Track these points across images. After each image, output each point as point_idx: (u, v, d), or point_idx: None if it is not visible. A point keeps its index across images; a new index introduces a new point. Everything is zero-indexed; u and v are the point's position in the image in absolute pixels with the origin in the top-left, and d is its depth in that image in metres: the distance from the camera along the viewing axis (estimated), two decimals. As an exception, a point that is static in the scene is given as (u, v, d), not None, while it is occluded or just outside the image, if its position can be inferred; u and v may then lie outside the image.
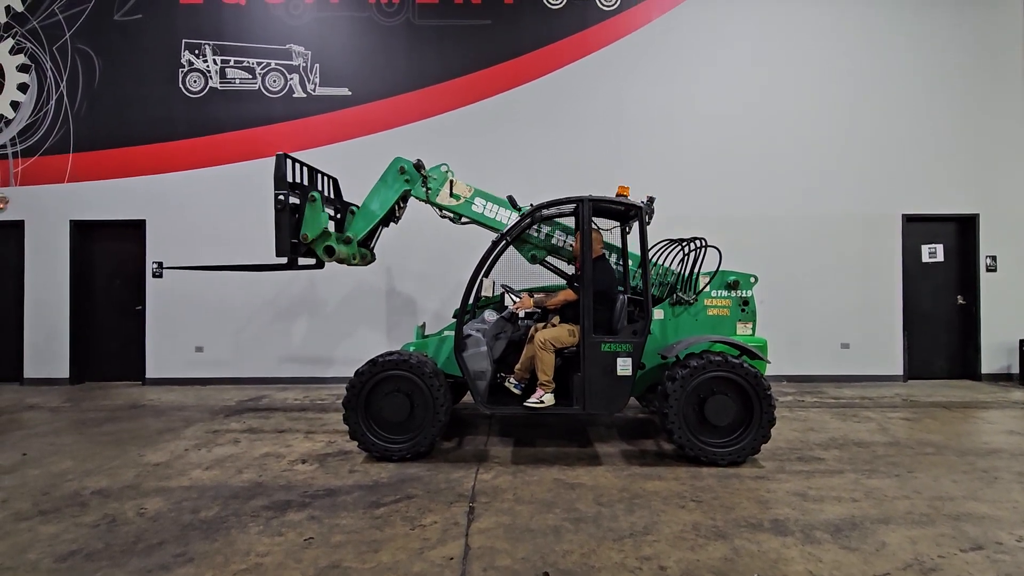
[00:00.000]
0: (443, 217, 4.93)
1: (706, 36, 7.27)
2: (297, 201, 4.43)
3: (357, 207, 4.94)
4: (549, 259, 4.99)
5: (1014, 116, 7.24)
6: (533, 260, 4.95)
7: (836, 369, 7.17)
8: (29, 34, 7.27)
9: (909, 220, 7.25)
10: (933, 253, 7.36)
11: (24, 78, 7.26)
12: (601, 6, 7.28)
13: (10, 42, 7.26)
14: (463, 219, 4.88)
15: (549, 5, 7.29)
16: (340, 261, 4.70)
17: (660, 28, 7.27)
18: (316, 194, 4.44)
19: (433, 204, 4.84)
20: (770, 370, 4.53)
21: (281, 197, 4.22)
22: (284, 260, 4.45)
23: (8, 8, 7.26)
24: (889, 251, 7.24)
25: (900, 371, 7.18)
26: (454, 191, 4.76)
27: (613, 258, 4.90)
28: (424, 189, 4.74)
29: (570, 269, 4.94)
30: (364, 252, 4.96)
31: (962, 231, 7.38)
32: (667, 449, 4.44)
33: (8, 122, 7.26)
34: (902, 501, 3.42)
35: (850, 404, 5.99)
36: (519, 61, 7.27)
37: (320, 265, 5.00)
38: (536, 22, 7.27)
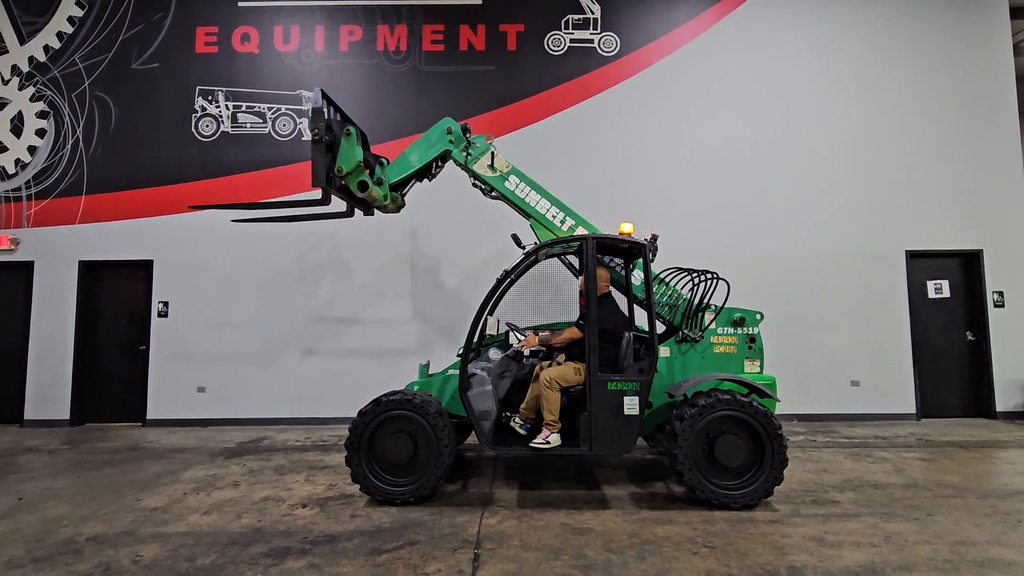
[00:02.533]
0: (475, 186, 5.07)
1: (705, 79, 7.47)
2: (330, 139, 4.56)
3: (387, 160, 5.08)
4: (570, 257, 5.00)
5: (1012, 153, 7.34)
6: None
7: (847, 407, 7.04)
8: (50, 82, 7.54)
9: (913, 256, 7.26)
10: (939, 289, 7.33)
11: (42, 124, 7.49)
12: (601, 52, 7.53)
13: (31, 90, 7.53)
14: (493, 192, 4.98)
15: (550, 51, 7.54)
16: (371, 202, 4.82)
17: (659, 72, 7.49)
18: (352, 129, 4.57)
19: (468, 170, 4.96)
20: (780, 409, 4.46)
21: (317, 130, 4.40)
22: (319, 195, 4.64)
23: (31, 59, 7.56)
24: (894, 287, 7.22)
25: (913, 409, 7.04)
26: (493, 163, 4.88)
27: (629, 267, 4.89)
28: (464, 154, 4.89)
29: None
30: (395, 196, 5.08)
31: (966, 267, 7.37)
32: (677, 492, 4.31)
33: (24, 166, 7.45)
34: (923, 546, 3.29)
35: (863, 444, 5.85)
36: (522, 104, 7.47)
37: (350, 213, 5.12)
38: (538, 67, 7.51)
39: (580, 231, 4.89)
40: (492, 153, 4.91)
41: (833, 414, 7.03)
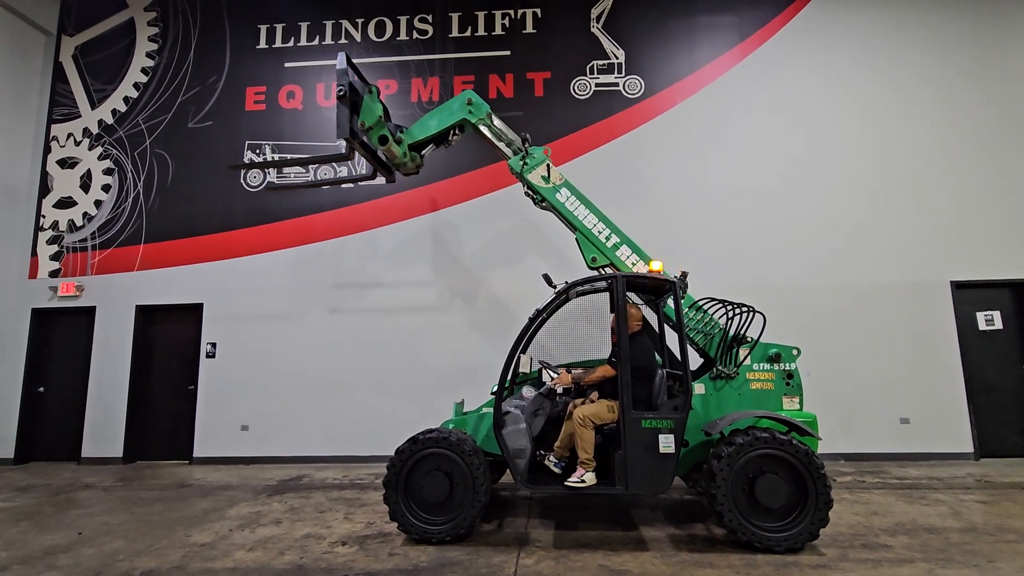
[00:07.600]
0: (526, 195, 5.33)
1: (732, 116, 7.56)
2: (353, 98, 4.98)
3: (405, 128, 5.39)
4: (607, 270, 5.07)
5: (1057, 179, 7.13)
6: (594, 262, 5.08)
7: (897, 446, 6.73)
8: (116, 142, 8.23)
9: (959, 287, 7.02)
10: (990, 320, 7.04)
11: (108, 180, 8.14)
12: (626, 94, 7.75)
13: (99, 150, 8.23)
14: (544, 203, 5.20)
15: (576, 96, 7.81)
16: (390, 159, 5.23)
17: (685, 110, 7.64)
18: (374, 88, 4.98)
19: (523, 179, 5.21)
20: (826, 448, 4.35)
21: (342, 87, 4.87)
22: (343, 151, 5.14)
23: (100, 122, 8.29)
24: (942, 319, 6.97)
25: (970, 448, 6.68)
26: (548, 175, 5.15)
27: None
28: (521, 163, 5.18)
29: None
30: (414, 155, 5.43)
31: (1018, 296, 7.07)
32: (718, 534, 4.20)
33: (91, 218, 8.07)
34: (984, 595, 3.11)
35: (916, 485, 5.57)
36: (550, 147, 7.67)
37: (373, 176, 5.58)
38: (565, 111, 7.77)
39: (623, 251, 4.99)
40: (548, 165, 5.17)
41: (883, 453, 6.72)
